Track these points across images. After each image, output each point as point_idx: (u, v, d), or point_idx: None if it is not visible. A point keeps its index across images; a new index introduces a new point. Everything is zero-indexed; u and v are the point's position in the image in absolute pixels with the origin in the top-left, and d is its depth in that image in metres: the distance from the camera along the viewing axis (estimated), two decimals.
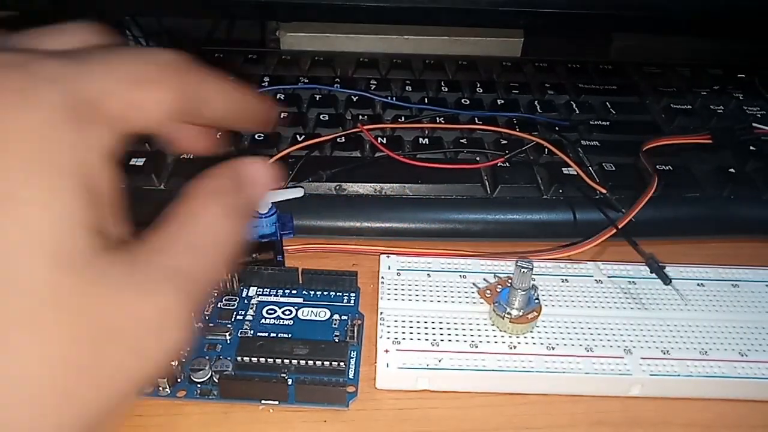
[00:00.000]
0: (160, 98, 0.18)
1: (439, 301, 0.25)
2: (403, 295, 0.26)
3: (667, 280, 0.26)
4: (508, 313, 0.24)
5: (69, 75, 0.16)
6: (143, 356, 0.16)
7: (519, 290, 0.24)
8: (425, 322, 0.25)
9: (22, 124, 0.15)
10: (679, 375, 0.23)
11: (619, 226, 0.29)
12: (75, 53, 0.18)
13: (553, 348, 0.24)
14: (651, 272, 0.27)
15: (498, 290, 0.26)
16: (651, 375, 0.23)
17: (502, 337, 0.24)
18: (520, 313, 0.24)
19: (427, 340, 0.24)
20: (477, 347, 0.24)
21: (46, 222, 0.15)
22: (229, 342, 0.25)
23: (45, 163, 0.15)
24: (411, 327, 0.24)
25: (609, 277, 0.27)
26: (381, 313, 0.25)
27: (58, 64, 0.17)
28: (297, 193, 0.27)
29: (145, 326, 0.16)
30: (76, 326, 0.15)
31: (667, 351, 0.24)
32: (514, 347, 0.24)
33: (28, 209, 0.15)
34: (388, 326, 0.24)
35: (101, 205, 0.17)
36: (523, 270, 0.23)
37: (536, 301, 0.25)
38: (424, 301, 0.26)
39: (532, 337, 0.24)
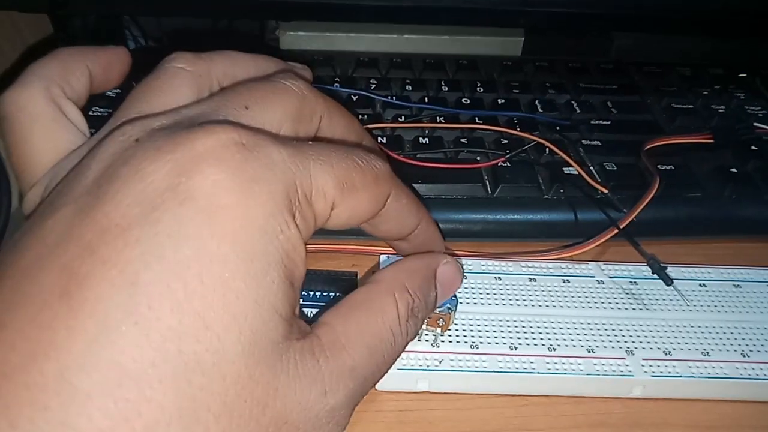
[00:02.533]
0: (356, 206, 0.19)
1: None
2: None
3: (668, 281, 0.26)
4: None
5: (294, 167, 0.17)
6: None
7: None
8: (425, 323, 0.24)
9: (246, 213, 0.15)
10: (680, 376, 0.23)
11: (621, 227, 0.28)
12: (303, 145, 0.18)
13: (554, 349, 0.24)
14: (653, 273, 0.27)
15: None
16: (653, 376, 0.23)
17: (503, 338, 0.24)
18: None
19: (427, 341, 0.24)
20: (477, 348, 0.24)
21: (248, 310, 0.15)
22: None
23: (258, 253, 0.15)
24: None
25: (610, 277, 0.27)
26: None
27: (285, 153, 0.17)
28: None
29: (316, 422, 0.16)
30: (260, 418, 0.15)
31: (669, 352, 0.24)
32: (515, 348, 0.24)
33: (235, 297, 0.15)
34: None
35: (294, 293, 0.17)
36: None
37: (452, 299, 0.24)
38: None
39: (533, 338, 0.24)
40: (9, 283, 0.15)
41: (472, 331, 0.24)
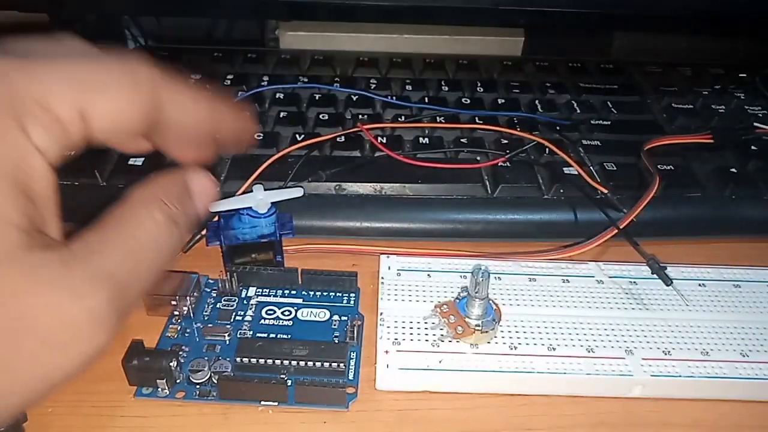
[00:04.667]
0: (114, 109, 0.18)
1: (439, 302, 0.25)
2: (403, 295, 0.26)
3: (668, 281, 0.26)
4: (467, 323, 0.24)
5: (16, 73, 0.16)
6: (66, 355, 0.17)
7: (477, 299, 0.23)
8: (425, 323, 0.24)
9: None
10: (680, 376, 0.23)
11: (621, 227, 0.28)
12: (34, 55, 0.17)
13: (554, 349, 0.24)
14: (652, 273, 0.27)
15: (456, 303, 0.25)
16: (652, 376, 0.23)
17: (503, 337, 0.24)
18: (479, 323, 0.24)
19: (427, 341, 0.24)
20: (477, 348, 0.24)
21: None
22: (228, 343, 0.25)
23: None
24: (411, 328, 0.24)
25: (610, 277, 0.27)
26: (381, 313, 0.25)
27: (8, 63, 0.16)
28: (296, 192, 0.27)
29: (71, 326, 0.16)
30: None
31: (669, 352, 0.24)
32: (515, 348, 0.24)
33: None
34: (388, 327, 0.24)
35: (36, 206, 0.16)
36: (479, 279, 0.23)
37: (493, 310, 0.24)
38: (425, 301, 0.26)
39: (533, 338, 0.24)
40: None
41: None
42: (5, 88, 0.16)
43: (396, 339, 0.24)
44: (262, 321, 0.26)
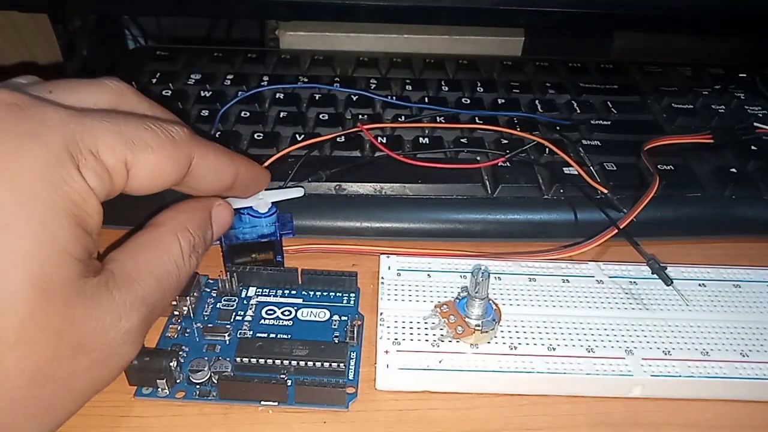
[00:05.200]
0: (154, 165, 0.20)
1: (439, 302, 0.25)
2: (403, 295, 0.26)
3: (668, 281, 0.26)
4: (467, 323, 0.24)
5: (74, 124, 0.18)
6: (107, 369, 0.20)
7: (477, 299, 0.23)
8: (425, 323, 0.24)
9: (23, 163, 0.17)
10: (680, 376, 0.23)
11: (621, 227, 0.28)
12: (87, 110, 0.20)
13: (554, 348, 0.24)
14: (652, 273, 0.27)
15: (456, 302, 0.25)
16: (652, 376, 0.23)
17: (503, 337, 0.24)
18: (479, 323, 0.24)
19: (427, 340, 0.24)
20: (477, 348, 0.24)
21: (34, 249, 0.17)
22: (228, 343, 0.25)
23: (40, 197, 0.17)
24: (411, 328, 0.24)
25: (610, 277, 0.27)
26: (381, 313, 0.25)
27: (64, 114, 0.19)
28: (297, 192, 0.27)
29: (112, 345, 0.19)
30: (57, 345, 0.18)
31: (669, 352, 0.24)
32: (515, 348, 0.24)
33: (20, 238, 0.17)
34: (388, 327, 0.24)
35: (87, 237, 0.19)
36: (479, 279, 0.23)
37: (493, 310, 0.24)
38: (425, 301, 0.26)
39: (533, 338, 0.24)
40: None
41: None
42: (66, 137, 0.18)
43: (396, 339, 0.24)
44: (262, 321, 0.26)
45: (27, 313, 0.17)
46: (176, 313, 0.25)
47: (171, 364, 0.23)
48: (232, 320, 0.25)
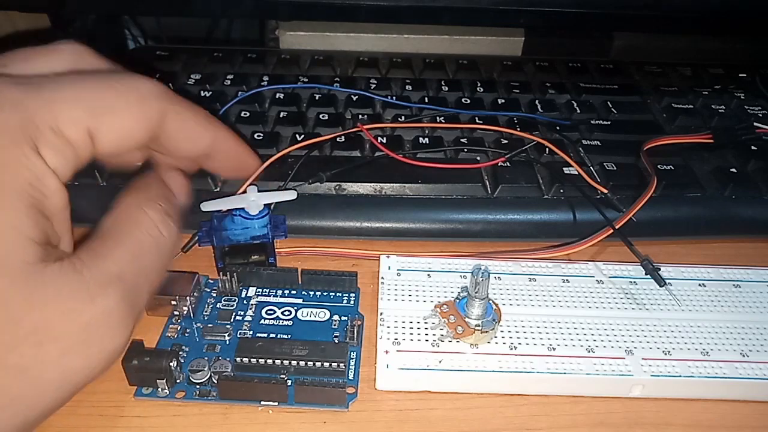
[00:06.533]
0: (120, 127, 0.19)
1: (439, 302, 0.25)
2: (403, 295, 0.26)
3: (662, 282, 0.26)
4: (467, 323, 0.24)
5: (29, 101, 0.17)
6: (87, 356, 0.18)
7: (477, 299, 0.23)
8: (425, 323, 0.24)
9: None
10: (680, 376, 0.23)
11: (617, 226, 0.28)
12: (42, 79, 0.19)
13: (554, 349, 0.24)
14: (646, 274, 0.27)
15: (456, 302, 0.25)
16: (652, 376, 0.23)
17: (503, 337, 0.24)
18: (479, 323, 0.24)
19: (427, 341, 0.24)
20: (477, 348, 0.24)
21: None
22: (228, 343, 0.25)
23: None
24: (411, 328, 0.24)
25: (610, 277, 0.27)
26: (381, 313, 0.25)
27: (19, 90, 0.18)
28: (289, 195, 0.27)
29: (89, 328, 0.18)
30: (14, 331, 0.16)
31: (669, 352, 0.24)
32: (515, 348, 0.24)
33: None
34: (388, 327, 0.24)
35: (51, 221, 0.18)
36: (479, 279, 0.23)
37: (493, 310, 0.24)
38: (425, 301, 0.26)
39: (533, 338, 0.24)
40: None
41: None
42: (21, 116, 0.17)
43: (396, 339, 0.24)
44: (262, 321, 0.26)
45: None
46: (176, 313, 0.25)
47: (171, 364, 0.23)
48: (232, 320, 0.25)
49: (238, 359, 0.23)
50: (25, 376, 0.17)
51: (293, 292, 0.27)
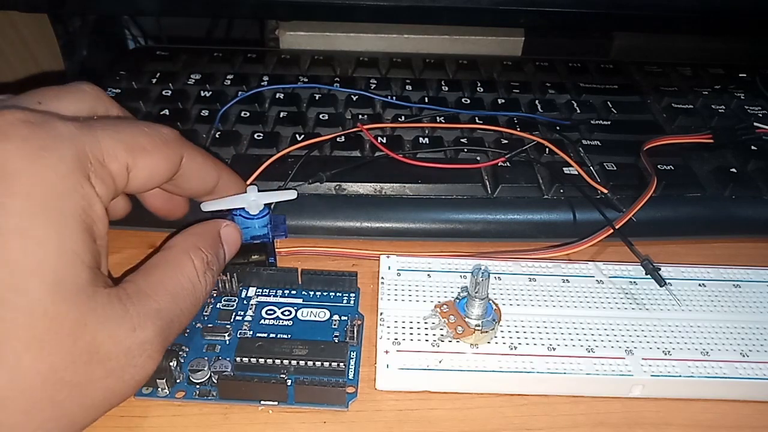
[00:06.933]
0: (151, 165, 0.22)
1: (439, 302, 0.25)
2: (403, 295, 0.26)
3: (662, 282, 0.26)
4: (467, 323, 0.24)
5: (82, 136, 0.20)
6: (124, 381, 0.19)
7: (477, 299, 0.23)
8: (425, 323, 0.24)
9: (38, 174, 0.18)
10: (680, 376, 0.23)
11: (617, 226, 0.28)
12: (90, 120, 0.21)
13: (554, 349, 0.24)
14: (646, 274, 0.27)
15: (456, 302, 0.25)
16: (652, 376, 0.23)
17: (503, 337, 0.24)
18: (479, 323, 0.24)
19: (427, 341, 0.24)
20: (477, 348, 0.24)
21: (51, 255, 0.18)
22: (228, 343, 0.25)
23: (53, 207, 0.18)
24: (411, 328, 0.24)
25: (610, 277, 0.27)
26: (381, 313, 0.25)
27: (73, 126, 0.20)
28: (290, 195, 0.27)
29: (128, 355, 0.19)
30: (71, 348, 0.18)
31: (669, 352, 0.24)
32: (515, 348, 0.24)
33: (35, 244, 0.18)
34: (388, 327, 0.24)
35: (96, 244, 0.19)
36: (479, 279, 0.23)
37: (494, 310, 0.24)
38: (425, 301, 0.26)
39: (533, 338, 0.24)
40: None
41: None
42: (76, 150, 0.19)
43: (396, 339, 0.24)
44: (262, 321, 0.26)
45: (41, 314, 0.17)
46: None
47: (171, 363, 0.23)
48: (232, 320, 0.25)
49: (237, 359, 0.23)
50: (75, 392, 0.18)
51: (293, 292, 0.27)
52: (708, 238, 0.31)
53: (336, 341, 0.25)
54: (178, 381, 0.23)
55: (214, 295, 0.27)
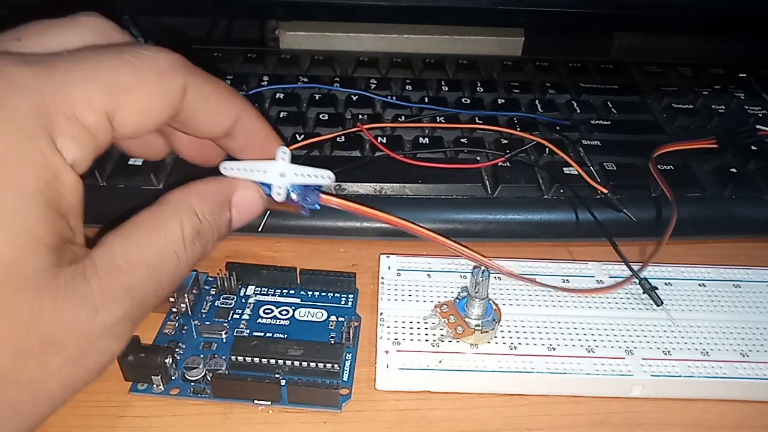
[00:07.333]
0: (141, 105, 0.17)
1: (439, 302, 0.25)
2: (403, 295, 0.26)
3: (659, 302, 0.25)
4: (467, 323, 0.24)
5: (45, 84, 0.16)
6: (85, 366, 0.17)
7: (477, 299, 0.23)
8: (425, 323, 0.24)
9: None
10: (680, 376, 0.23)
11: (641, 276, 0.26)
12: (54, 58, 0.17)
13: (554, 348, 0.24)
14: (643, 293, 0.26)
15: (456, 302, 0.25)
16: (652, 376, 0.23)
17: (503, 337, 0.24)
18: (479, 323, 0.24)
19: (427, 341, 0.24)
20: (477, 348, 0.23)
21: (3, 240, 0.15)
22: (224, 341, 0.25)
23: (9, 182, 0.15)
24: (411, 328, 0.24)
25: (610, 277, 0.27)
26: (381, 313, 0.25)
27: (33, 72, 0.16)
28: (325, 179, 0.22)
29: (88, 340, 0.17)
30: (21, 342, 0.15)
31: (669, 352, 0.24)
32: (515, 348, 0.24)
33: None
34: (388, 327, 0.24)
35: (64, 220, 0.16)
36: (479, 279, 0.23)
37: (494, 310, 0.24)
38: (425, 301, 0.25)
39: (533, 338, 0.24)
40: None
41: None
42: (35, 104, 0.15)
43: (396, 339, 0.24)
44: (260, 320, 0.25)
45: None
46: (174, 310, 0.25)
47: (166, 360, 0.22)
48: (229, 318, 0.25)
49: (233, 357, 0.23)
50: (27, 389, 0.16)
51: (292, 291, 0.27)
52: (708, 238, 0.31)
53: (332, 342, 0.25)
54: (173, 378, 0.23)
55: (213, 292, 0.27)
